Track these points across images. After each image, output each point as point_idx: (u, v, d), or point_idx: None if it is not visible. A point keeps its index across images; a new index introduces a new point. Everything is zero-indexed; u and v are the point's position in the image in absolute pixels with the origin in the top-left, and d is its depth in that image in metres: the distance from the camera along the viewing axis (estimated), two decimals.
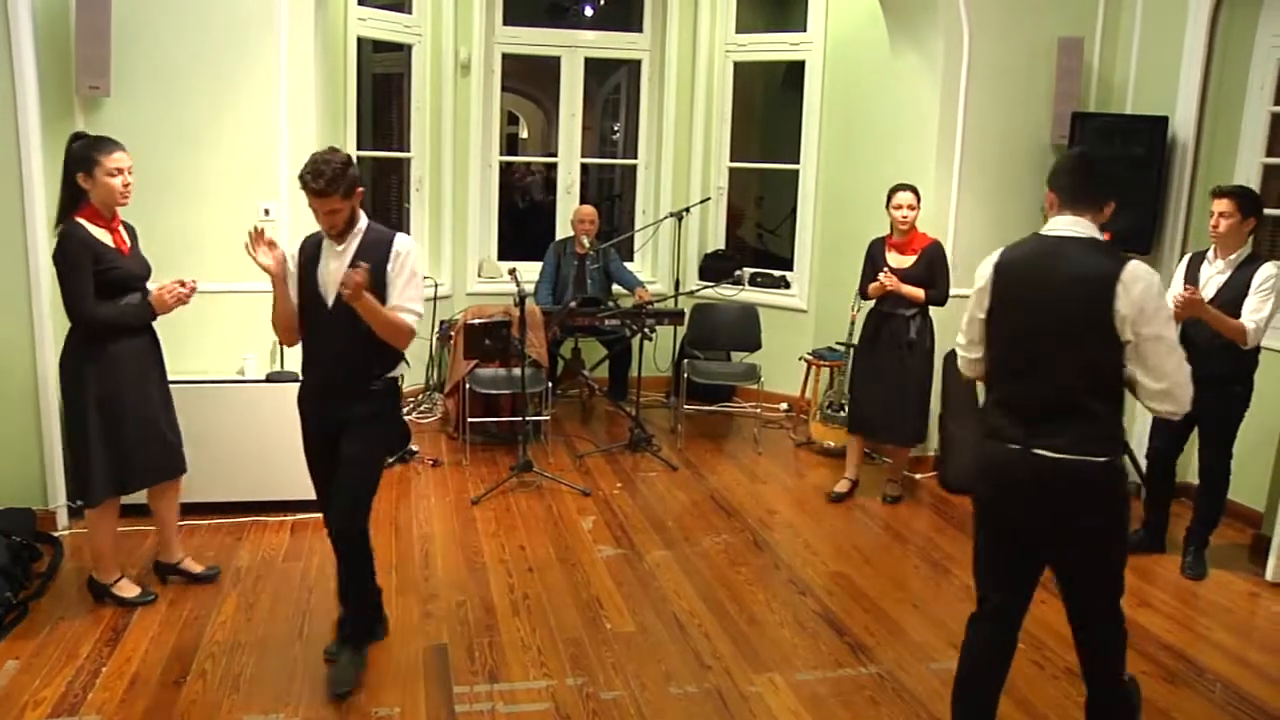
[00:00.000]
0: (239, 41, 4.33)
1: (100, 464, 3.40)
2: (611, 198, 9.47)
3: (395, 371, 3.15)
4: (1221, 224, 3.86)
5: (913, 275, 4.66)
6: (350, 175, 2.93)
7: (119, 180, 3.33)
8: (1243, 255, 3.89)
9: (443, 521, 4.52)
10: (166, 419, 3.59)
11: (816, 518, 4.75)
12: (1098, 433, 2.41)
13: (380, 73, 6.64)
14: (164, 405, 3.60)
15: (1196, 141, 4.89)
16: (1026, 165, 5.26)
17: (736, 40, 6.68)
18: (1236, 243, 3.89)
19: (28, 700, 2.94)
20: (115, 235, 3.40)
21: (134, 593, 3.61)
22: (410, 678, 3.17)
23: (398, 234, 3.08)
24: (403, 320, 3.01)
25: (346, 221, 2.99)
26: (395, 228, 3.19)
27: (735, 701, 3.09)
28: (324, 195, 2.88)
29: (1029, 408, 2.46)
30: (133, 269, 3.43)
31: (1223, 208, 3.85)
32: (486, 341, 5.04)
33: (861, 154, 5.92)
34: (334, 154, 2.93)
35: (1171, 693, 3.23)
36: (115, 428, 3.41)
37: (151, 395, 3.52)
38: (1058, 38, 5.15)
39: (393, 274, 3.02)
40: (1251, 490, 4.45)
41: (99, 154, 3.30)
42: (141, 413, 3.47)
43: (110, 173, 3.30)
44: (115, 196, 3.34)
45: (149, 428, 3.50)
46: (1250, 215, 3.84)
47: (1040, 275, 2.48)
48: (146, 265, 3.53)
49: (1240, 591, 4.03)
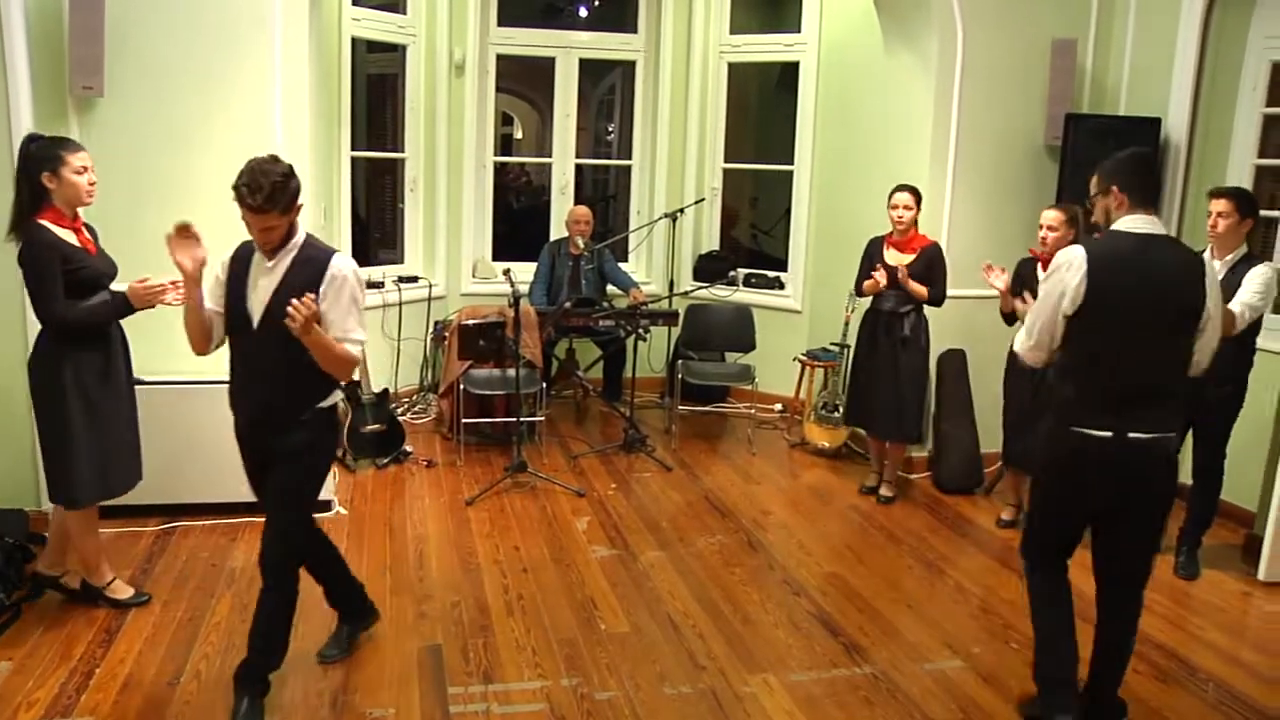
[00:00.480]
0: (233, 41, 4.32)
1: (86, 466, 3.33)
2: (606, 198, 9.47)
3: (329, 400, 2.92)
4: (1220, 224, 3.87)
5: (912, 274, 4.70)
6: (291, 189, 2.71)
7: (85, 179, 3.27)
8: (1239, 255, 3.91)
9: (437, 522, 4.51)
10: (134, 420, 3.54)
11: (811, 518, 4.76)
12: (1176, 410, 2.75)
13: (375, 73, 6.64)
14: (133, 406, 3.55)
15: (1189, 143, 4.91)
16: (1020, 166, 5.27)
17: (731, 41, 6.69)
18: (1234, 243, 3.90)
19: (21, 702, 2.93)
20: (80, 235, 3.35)
21: (128, 594, 3.59)
22: (405, 678, 3.16)
23: (335, 254, 2.84)
24: (347, 352, 2.80)
25: (282, 238, 2.78)
26: (390, 229, 3.14)
27: (730, 702, 3.10)
28: (260, 212, 2.67)
29: (1122, 396, 2.67)
30: (101, 268, 3.38)
31: (1221, 208, 3.87)
32: (481, 342, 5.04)
33: (855, 155, 5.93)
34: (274, 164, 2.70)
35: (1164, 692, 3.24)
36: (99, 429, 3.35)
37: (124, 395, 3.48)
38: (1051, 39, 5.16)
39: (328, 298, 2.77)
40: (1244, 490, 4.46)
41: (65, 153, 3.24)
42: (119, 413, 3.44)
43: (77, 171, 3.25)
44: (81, 195, 3.29)
45: (128, 429, 3.48)
46: (1248, 216, 3.86)
47: (1140, 271, 2.66)
48: (113, 264, 3.47)
49: (1233, 591, 4.05)
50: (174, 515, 4.31)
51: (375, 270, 6.21)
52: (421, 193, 6.46)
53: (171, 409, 4.23)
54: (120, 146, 4.25)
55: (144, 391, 4.20)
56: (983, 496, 5.08)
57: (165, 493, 4.28)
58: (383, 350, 6.05)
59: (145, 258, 3.56)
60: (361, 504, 4.68)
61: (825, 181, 6.37)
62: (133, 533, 4.17)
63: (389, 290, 6.12)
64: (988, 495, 5.09)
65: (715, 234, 6.98)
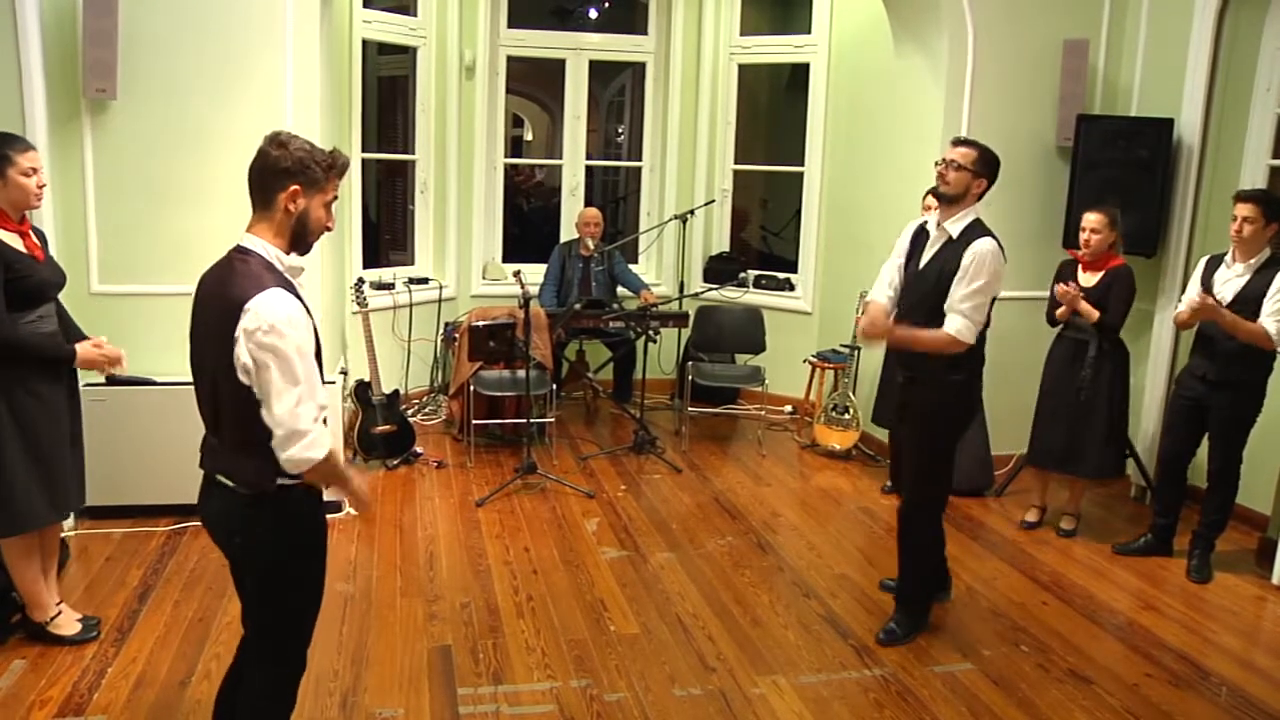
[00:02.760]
0: (244, 44, 4.34)
1: (19, 491, 3.05)
2: (616, 200, 9.47)
3: (288, 479, 2.14)
4: (1245, 229, 3.85)
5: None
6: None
7: (33, 180, 3.03)
8: (1262, 259, 3.89)
9: (447, 523, 4.52)
10: (78, 438, 3.29)
11: (820, 520, 4.75)
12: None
13: (385, 75, 6.66)
14: (76, 423, 3.28)
15: (1202, 144, 4.88)
16: (1032, 168, 5.25)
17: (741, 43, 6.68)
18: (1257, 247, 3.89)
19: (34, 700, 2.95)
20: (27, 240, 3.07)
21: (74, 629, 3.29)
22: (414, 679, 3.17)
23: (257, 294, 2.04)
24: (289, 446, 2.04)
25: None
26: (401, 230, 2.96)
27: (739, 704, 3.09)
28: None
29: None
30: (47, 277, 3.12)
31: (1246, 212, 3.85)
32: (491, 343, 5.05)
33: (866, 156, 5.92)
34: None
35: (1177, 697, 3.22)
36: (32, 452, 3.06)
37: (61, 414, 3.18)
38: (1063, 39, 5.14)
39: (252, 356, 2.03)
40: (1258, 493, 4.43)
41: (13, 152, 3.00)
42: (56, 434, 3.15)
43: (25, 172, 3.01)
44: (29, 198, 3.04)
45: (67, 450, 3.20)
46: (1273, 220, 3.85)
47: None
48: (61, 273, 3.22)
49: (1246, 595, 4.02)
50: (185, 516, 4.32)
51: (386, 272, 6.23)
52: (432, 194, 6.47)
53: (181, 410, 4.21)
54: (133, 149, 4.29)
55: (154, 392, 4.26)
56: (993, 499, 5.06)
57: (176, 493, 4.30)
58: (393, 352, 6.07)
59: (159, 259, 3.61)
60: (371, 505, 4.69)
61: (836, 183, 6.36)
62: (145, 532, 4.20)
63: (400, 292, 6.14)
64: (998, 497, 5.07)
65: (725, 235, 6.97)
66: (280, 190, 2.14)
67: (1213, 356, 4.00)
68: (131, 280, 4.38)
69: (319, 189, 2.18)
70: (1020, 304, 4.89)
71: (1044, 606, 3.86)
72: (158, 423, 4.23)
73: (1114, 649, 3.53)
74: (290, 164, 2.13)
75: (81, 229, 4.28)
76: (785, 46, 6.63)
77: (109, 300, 4.33)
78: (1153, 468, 4.93)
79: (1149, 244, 4.96)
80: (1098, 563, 4.29)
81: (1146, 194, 4.92)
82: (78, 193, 4.25)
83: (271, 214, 2.16)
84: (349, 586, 3.82)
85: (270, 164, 2.14)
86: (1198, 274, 4.11)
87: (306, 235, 2.21)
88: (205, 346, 2.15)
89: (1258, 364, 3.92)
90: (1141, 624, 3.73)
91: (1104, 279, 4.27)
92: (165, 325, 4.41)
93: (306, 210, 2.17)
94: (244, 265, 2.12)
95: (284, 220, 2.17)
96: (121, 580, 3.79)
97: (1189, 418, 4.14)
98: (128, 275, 4.37)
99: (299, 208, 2.16)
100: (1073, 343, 4.41)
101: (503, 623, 3.57)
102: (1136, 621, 3.76)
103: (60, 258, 3.48)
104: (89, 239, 4.30)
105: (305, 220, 2.18)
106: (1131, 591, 4.02)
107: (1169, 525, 4.32)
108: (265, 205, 2.17)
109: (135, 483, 4.27)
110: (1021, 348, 4.80)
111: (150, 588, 3.72)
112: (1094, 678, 3.32)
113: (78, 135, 4.22)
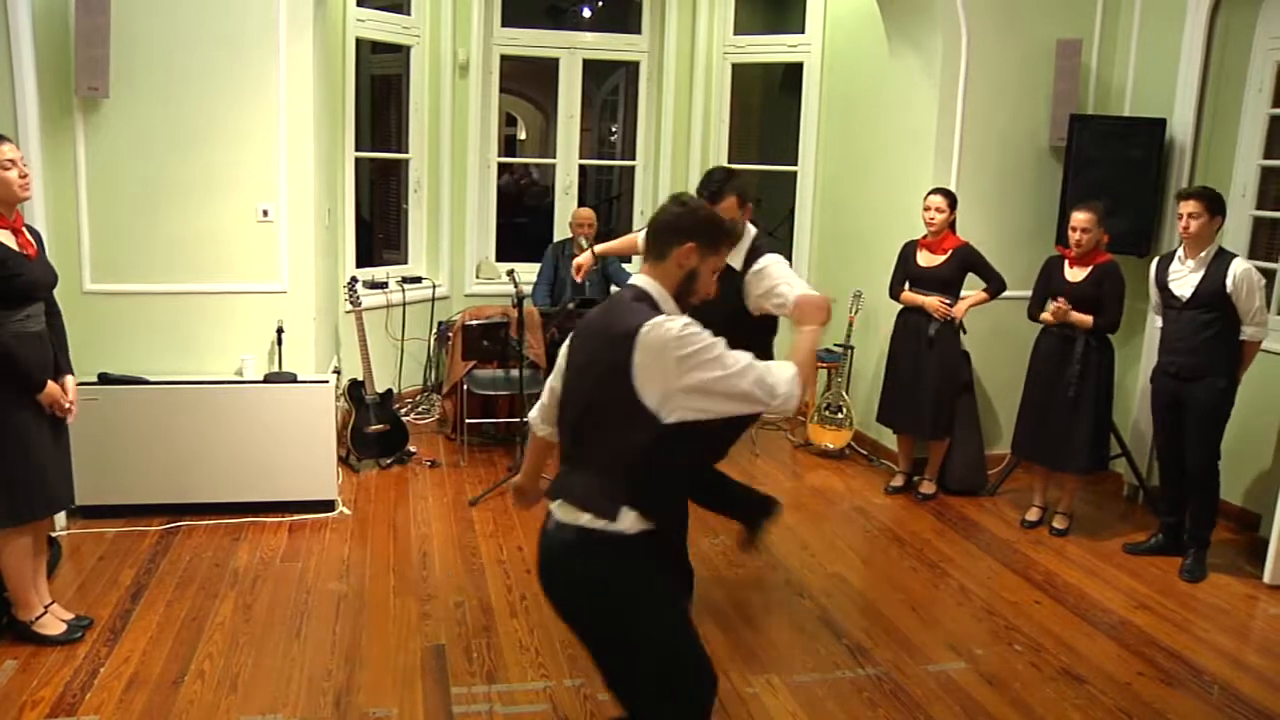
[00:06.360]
0: (238, 43, 4.33)
1: (4, 488, 3.03)
2: (610, 199, 9.47)
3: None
4: (1192, 225, 3.96)
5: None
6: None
7: (14, 173, 2.99)
8: (1212, 252, 4.01)
9: (440, 522, 4.52)
10: (64, 435, 3.24)
11: (814, 519, 4.75)
12: None
13: (379, 74, 6.64)
14: (61, 419, 3.22)
15: (1194, 144, 4.90)
16: (1025, 167, 5.27)
17: (734, 42, 6.68)
18: (1205, 241, 4.01)
19: (26, 700, 2.94)
20: (20, 237, 3.04)
21: (60, 629, 3.26)
22: (408, 678, 3.17)
23: None
24: None
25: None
26: (394, 230, 3.00)
27: (733, 703, 3.09)
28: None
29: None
30: (38, 276, 3.06)
31: (1191, 209, 3.96)
32: (484, 342, 5.05)
33: (859, 156, 5.93)
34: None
35: (1169, 695, 3.23)
36: (20, 448, 3.05)
37: (47, 411, 3.14)
38: (1056, 40, 5.15)
39: None
40: (1249, 492, 4.45)
41: None
42: (42, 430, 3.12)
43: (4, 165, 2.97)
44: (13, 191, 2.99)
45: (54, 446, 3.18)
46: (1217, 214, 3.98)
47: None
48: (53, 272, 3.18)
49: (1238, 594, 4.04)
50: (177, 515, 4.32)
51: (379, 271, 6.21)
52: (425, 193, 6.46)
53: (176, 410, 4.25)
54: (125, 148, 4.28)
55: (150, 391, 4.25)
56: (987, 498, 5.07)
57: (169, 493, 4.30)
58: (387, 351, 6.06)
59: (153, 258, 3.60)
60: (365, 504, 4.68)
61: (829, 182, 6.36)
62: (137, 532, 4.18)
63: (393, 291, 6.12)
64: (992, 497, 5.08)
65: None
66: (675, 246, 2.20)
67: (1175, 351, 4.08)
68: (124, 279, 4.36)
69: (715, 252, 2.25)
70: (1019, 303, 4.89)
71: (1037, 605, 3.87)
72: (150, 422, 4.22)
73: (1106, 648, 3.55)
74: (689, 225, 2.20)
75: (73, 228, 4.26)
76: (779, 46, 6.63)
77: (101, 299, 4.32)
78: (1144, 466, 4.96)
79: (1141, 244, 4.98)
80: (1091, 562, 4.30)
81: (1139, 194, 4.94)
82: (70, 191, 4.23)
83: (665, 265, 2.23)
84: (342, 586, 3.81)
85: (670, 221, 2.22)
86: (1153, 272, 4.22)
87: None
88: None
89: (1229, 358, 3.99)
90: (1134, 623, 3.74)
91: (1092, 274, 4.32)
92: (157, 324, 4.41)
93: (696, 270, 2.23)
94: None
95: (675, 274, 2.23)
96: (114, 580, 3.77)
97: (1170, 413, 4.17)
98: (120, 274, 4.35)
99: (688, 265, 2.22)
100: (1059, 339, 4.43)
101: (496, 622, 3.57)
102: (1129, 620, 3.77)
103: (52, 257, 3.45)
104: (81, 238, 4.28)
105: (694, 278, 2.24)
106: (1124, 590, 4.03)
107: (1178, 523, 4.32)
108: (659, 257, 2.23)
109: (127, 482, 4.25)
110: (1017, 346, 4.82)
111: (143, 587, 3.70)
112: (1087, 676, 3.33)
113: (70, 134, 4.21)
